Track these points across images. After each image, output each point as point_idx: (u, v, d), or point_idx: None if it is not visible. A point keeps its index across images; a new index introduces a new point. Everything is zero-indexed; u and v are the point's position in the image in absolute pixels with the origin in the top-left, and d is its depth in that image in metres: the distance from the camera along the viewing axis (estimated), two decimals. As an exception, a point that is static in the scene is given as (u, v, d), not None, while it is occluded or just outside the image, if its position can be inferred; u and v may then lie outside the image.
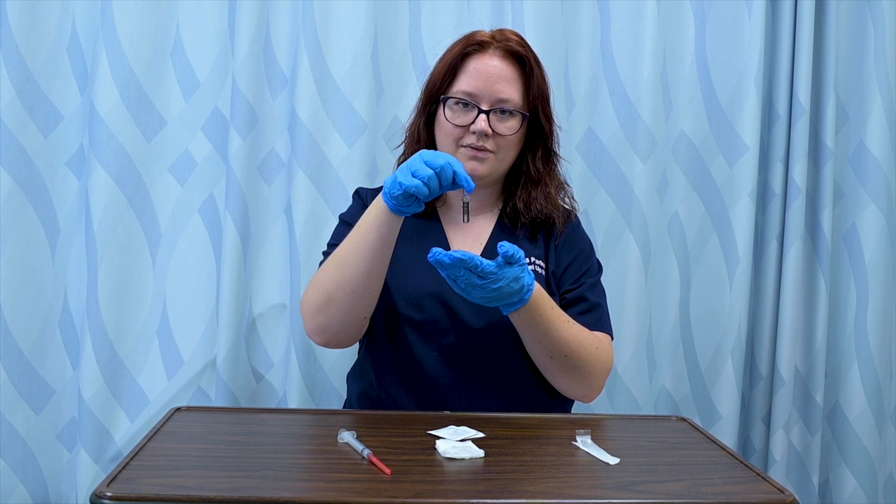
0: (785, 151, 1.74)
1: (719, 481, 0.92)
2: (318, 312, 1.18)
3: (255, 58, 1.60)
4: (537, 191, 1.29)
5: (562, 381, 1.22)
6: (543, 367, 1.22)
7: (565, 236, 1.31)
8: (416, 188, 1.04)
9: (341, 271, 1.16)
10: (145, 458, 0.92)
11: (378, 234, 1.12)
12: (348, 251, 1.15)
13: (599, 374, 1.22)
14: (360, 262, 1.14)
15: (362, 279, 1.15)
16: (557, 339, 1.16)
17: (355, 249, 1.14)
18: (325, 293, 1.17)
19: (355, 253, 1.14)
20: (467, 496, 0.84)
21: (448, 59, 1.25)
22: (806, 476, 1.77)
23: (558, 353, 1.17)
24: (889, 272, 1.76)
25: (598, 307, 1.27)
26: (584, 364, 1.19)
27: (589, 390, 1.24)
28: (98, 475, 1.55)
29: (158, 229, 1.62)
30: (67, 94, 1.59)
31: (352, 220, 1.29)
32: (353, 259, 1.15)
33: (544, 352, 1.18)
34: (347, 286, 1.16)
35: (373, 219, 1.13)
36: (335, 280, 1.16)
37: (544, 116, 1.28)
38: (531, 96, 1.25)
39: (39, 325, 1.59)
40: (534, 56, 1.26)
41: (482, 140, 1.22)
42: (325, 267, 1.19)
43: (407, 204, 1.08)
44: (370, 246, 1.13)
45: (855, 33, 1.78)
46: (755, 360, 1.79)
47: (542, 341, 1.17)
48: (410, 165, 1.06)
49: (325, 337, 1.21)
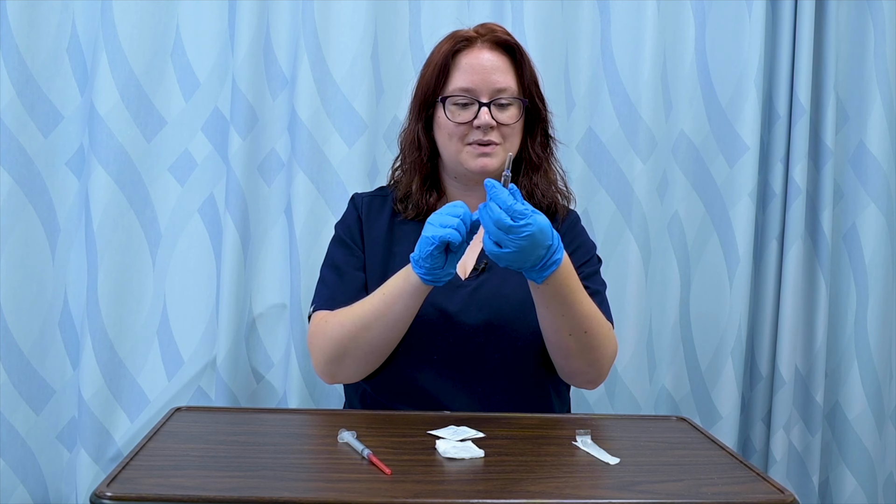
0: (785, 151, 1.74)
1: (719, 481, 0.92)
2: (331, 363, 1.19)
3: (255, 58, 1.60)
4: (538, 176, 1.30)
5: (575, 363, 1.19)
6: (559, 347, 1.18)
7: (565, 229, 1.31)
8: (450, 235, 1.03)
9: (361, 334, 1.16)
10: (145, 458, 0.92)
11: (404, 306, 1.12)
12: (371, 316, 1.14)
13: (609, 358, 1.21)
14: (383, 329, 1.14)
15: (384, 343, 1.16)
16: (580, 313, 1.13)
17: (379, 316, 1.14)
18: (341, 348, 1.17)
19: (379, 319, 1.14)
20: (467, 496, 0.84)
21: (438, 61, 1.24)
22: (806, 476, 1.77)
23: (578, 330, 1.14)
24: (889, 272, 1.76)
25: (598, 294, 1.26)
26: (599, 343, 1.17)
27: (598, 374, 1.22)
28: (98, 475, 1.55)
29: (158, 229, 1.62)
30: (67, 94, 1.59)
31: (346, 236, 1.29)
32: (377, 325, 1.14)
33: (566, 327, 1.14)
34: (366, 347, 1.16)
35: (400, 290, 1.12)
36: (353, 338, 1.16)
37: (539, 101, 1.29)
38: (525, 83, 1.26)
39: (39, 325, 1.59)
40: (519, 44, 1.27)
41: (487, 133, 1.21)
42: (343, 321, 1.17)
43: (441, 264, 1.06)
44: (395, 316, 1.13)
45: (855, 33, 1.78)
46: (755, 360, 1.79)
47: (566, 314, 1.13)
48: (434, 221, 1.06)
49: (335, 381, 1.24)
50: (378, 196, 1.34)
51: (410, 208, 1.29)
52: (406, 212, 1.29)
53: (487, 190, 1.02)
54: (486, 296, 1.23)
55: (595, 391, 1.70)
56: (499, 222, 1.00)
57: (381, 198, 1.34)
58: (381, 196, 1.34)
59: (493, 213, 1.01)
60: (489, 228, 1.02)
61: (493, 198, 1.01)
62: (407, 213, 1.29)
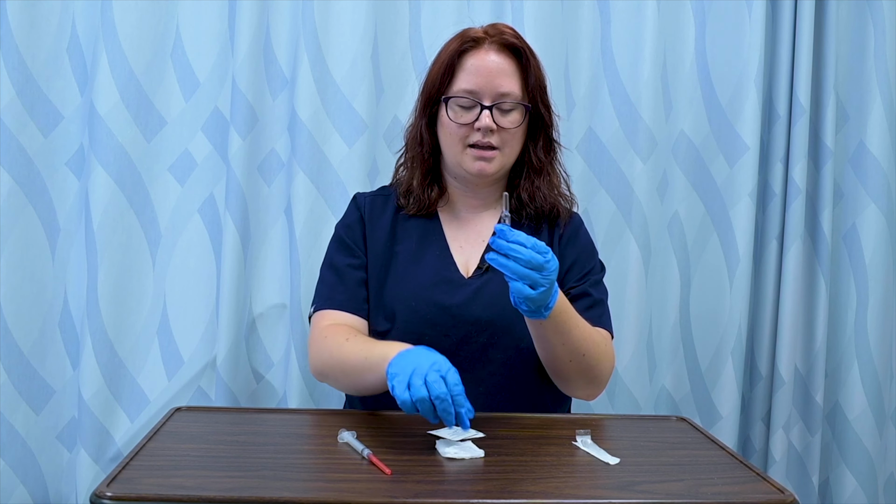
0: (785, 151, 1.74)
1: (719, 481, 0.92)
2: (317, 375, 1.24)
3: (255, 58, 1.60)
4: (540, 180, 1.29)
5: (573, 384, 1.21)
6: (559, 371, 1.19)
7: (570, 232, 1.31)
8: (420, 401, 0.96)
9: (340, 376, 1.19)
10: (145, 458, 0.92)
11: (375, 381, 1.09)
12: (350, 367, 1.14)
13: (607, 373, 1.22)
14: (359, 383, 1.15)
15: (362, 391, 1.19)
16: (578, 338, 1.14)
17: (358, 373, 1.13)
18: (324, 371, 1.21)
19: (357, 375, 1.13)
20: (467, 496, 0.84)
21: (444, 59, 1.24)
22: (806, 476, 1.77)
23: (577, 354, 1.15)
24: (889, 272, 1.76)
25: (600, 304, 1.27)
26: (597, 363, 1.18)
27: (596, 389, 1.23)
28: (98, 475, 1.55)
29: (158, 229, 1.62)
30: (67, 94, 1.59)
31: (347, 237, 1.29)
32: (354, 376, 1.15)
33: (566, 354, 1.14)
34: (349, 385, 1.21)
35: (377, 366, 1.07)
36: (334, 373, 1.20)
37: (543, 106, 1.27)
38: (530, 87, 1.25)
39: (39, 325, 1.59)
40: (528, 47, 1.25)
41: (487, 136, 1.21)
42: (332, 351, 1.17)
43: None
44: (366, 385, 1.12)
45: (855, 33, 1.78)
46: (755, 360, 1.79)
47: (565, 343, 1.13)
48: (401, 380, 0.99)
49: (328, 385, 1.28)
50: (380, 196, 1.34)
51: (412, 203, 1.29)
52: (408, 206, 1.29)
53: (500, 234, 0.99)
54: (489, 295, 1.23)
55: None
56: (531, 261, 0.98)
57: (383, 197, 1.34)
58: (382, 196, 1.34)
59: (522, 255, 0.98)
60: (520, 273, 0.99)
61: (514, 240, 0.99)
62: (409, 208, 1.29)
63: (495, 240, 1.00)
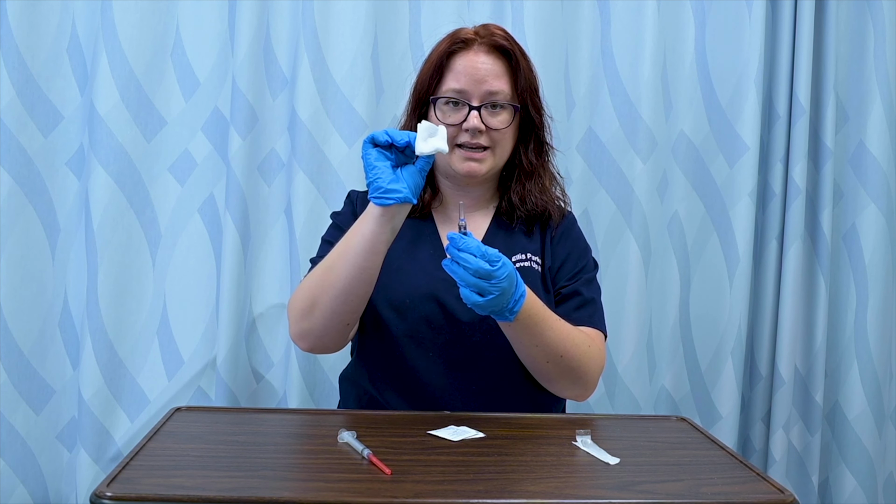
0: (785, 151, 1.74)
1: (719, 481, 0.92)
2: (303, 317, 1.17)
3: (255, 58, 1.60)
4: (531, 183, 1.29)
5: (557, 384, 1.21)
6: (539, 373, 1.19)
7: (561, 231, 1.31)
8: (378, 135, 1.06)
9: (327, 276, 1.14)
10: (145, 458, 0.92)
11: (362, 238, 1.10)
12: (335, 256, 1.14)
13: (594, 373, 1.21)
14: (344, 266, 1.12)
15: (346, 284, 1.13)
16: (553, 339, 1.14)
17: (341, 253, 1.13)
18: (309, 297, 1.16)
19: (341, 257, 1.13)
20: (467, 496, 0.84)
21: (434, 59, 1.24)
22: (806, 476, 1.77)
23: (554, 355, 1.15)
24: (889, 272, 1.76)
25: (592, 303, 1.26)
26: (579, 364, 1.18)
27: (584, 390, 1.23)
28: (98, 475, 1.55)
29: (158, 229, 1.62)
30: (67, 94, 1.60)
31: (341, 223, 1.29)
32: (339, 263, 1.13)
33: (542, 356, 1.15)
34: (331, 291, 1.14)
35: (359, 221, 1.12)
36: (320, 285, 1.15)
37: (534, 108, 1.27)
38: (520, 88, 1.24)
39: (39, 325, 1.59)
40: (519, 48, 1.25)
41: (476, 137, 1.21)
42: (313, 272, 1.18)
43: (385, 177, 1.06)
44: (355, 249, 1.11)
45: (855, 33, 1.78)
46: (755, 360, 1.79)
47: (539, 344, 1.13)
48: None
49: (309, 342, 1.20)
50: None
51: None
52: None
53: (452, 242, 1.01)
54: None
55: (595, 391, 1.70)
56: (479, 271, 0.99)
57: None
58: None
59: (470, 263, 0.99)
60: (468, 281, 1.00)
61: (464, 248, 1.00)
62: None
63: (448, 247, 1.02)
